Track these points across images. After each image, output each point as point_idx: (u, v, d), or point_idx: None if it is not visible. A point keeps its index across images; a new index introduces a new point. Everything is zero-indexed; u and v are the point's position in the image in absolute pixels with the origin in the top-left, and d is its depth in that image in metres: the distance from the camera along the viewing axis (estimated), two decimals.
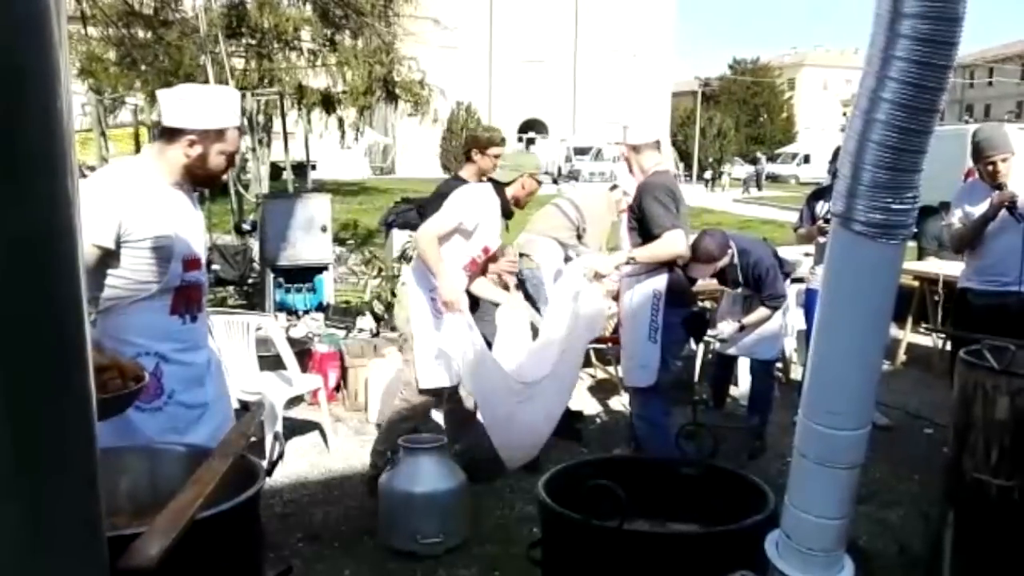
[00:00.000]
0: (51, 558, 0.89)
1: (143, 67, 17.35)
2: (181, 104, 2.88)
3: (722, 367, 6.32)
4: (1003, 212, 4.96)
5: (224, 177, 3.37)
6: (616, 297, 4.93)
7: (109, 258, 2.77)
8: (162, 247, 2.83)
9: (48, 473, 0.88)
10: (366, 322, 7.41)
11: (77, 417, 0.92)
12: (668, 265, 4.63)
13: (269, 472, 2.08)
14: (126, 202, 2.78)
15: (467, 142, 5.49)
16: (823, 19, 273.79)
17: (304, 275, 7.96)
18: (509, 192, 4.79)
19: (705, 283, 5.98)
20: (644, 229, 4.59)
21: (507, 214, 4.92)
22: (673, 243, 4.51)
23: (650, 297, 4.59)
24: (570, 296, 4.58)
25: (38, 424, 0.87)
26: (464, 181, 5.14)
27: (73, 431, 0.92)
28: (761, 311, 5.64)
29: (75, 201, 0.89)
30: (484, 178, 5.18)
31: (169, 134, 2.88)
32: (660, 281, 4.61)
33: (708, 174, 44.84)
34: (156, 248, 2.82)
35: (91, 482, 0.96)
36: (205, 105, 2.90)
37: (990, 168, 5.04)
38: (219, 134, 2.90)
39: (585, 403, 6.42)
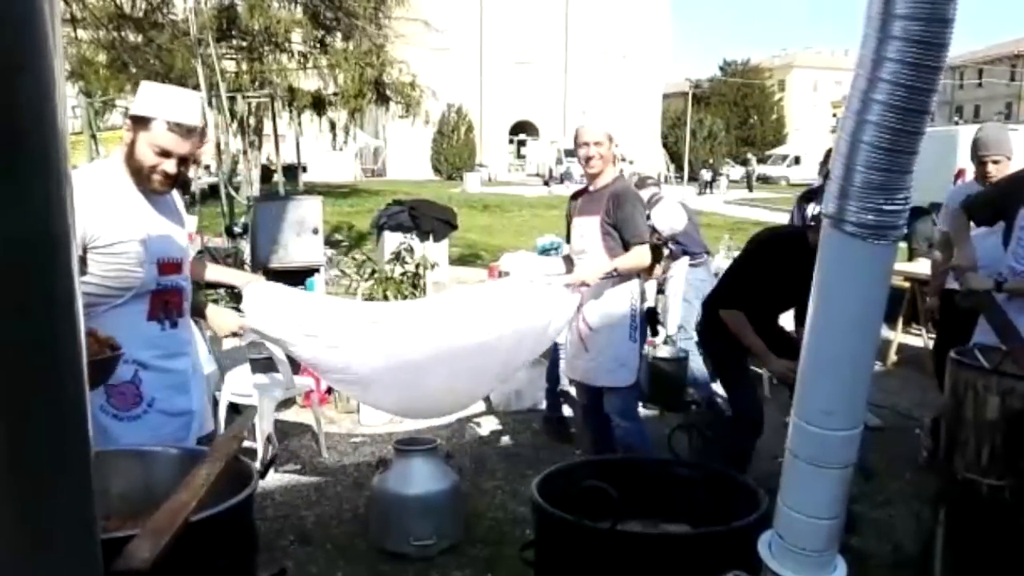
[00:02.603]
0: (46, 559, 0.89)
1: (134, 70, 17.30)
2: (139, 92, 2.84)
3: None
4: None
5: (196, 177, 3.20)
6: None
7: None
8: (131, 251, 2.74)
9: (43, 474, 0.88)
10: None
11: (71, 418, 0.92)
12: None
13: (262, 474, 2.08)
14: (90, 207, 2.68)
15: None
16: (813, 21, 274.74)
17: (296, 277, 7.94)
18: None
19: None
20: (620, 234, 4.47)
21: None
22: (646, 255, 4.49)
23: (628, 297, 4.53)
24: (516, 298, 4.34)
25: (32, 424, 0.87)
26: None
27: (67, 432, 0.92)
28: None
29: (69, 202, 0.89)
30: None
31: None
32: (634, 282, 4.57)
33: (708, 176, 44.03)
34: (125, 253, 2.73)
35: (85, 484, 0.96)
36: (150, 95, 2.80)
37: (981, 169, 5.04)
38: (143, 122, 2.76)
39: (575, 405, 6.41)
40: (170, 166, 2.82)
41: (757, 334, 4.42)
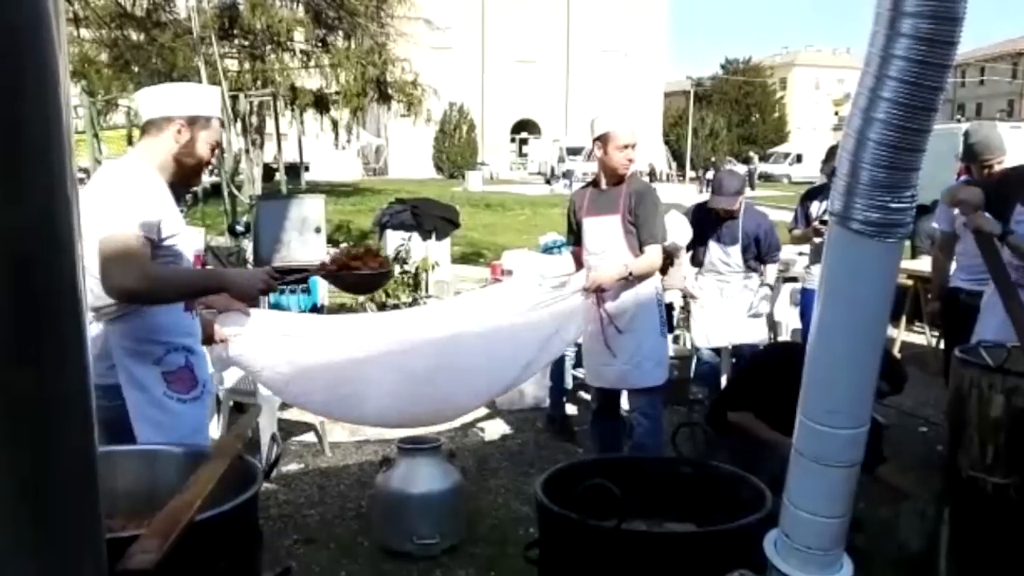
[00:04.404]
0: (52, 558, 0.88)
1: (136, 69, 17.33)
2: (165, 95, 2.94)
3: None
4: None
5: (204, 174, 3.39)
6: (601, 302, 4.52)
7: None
8: (179, 245, 2.87)
9: (48, 472, 0.88)
10: None
11: (76, 415, 0.92)
12: None
13: (267, 474, 2.08)
14: (158, 200, 2.78)
15: None
16: (815, 19, 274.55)
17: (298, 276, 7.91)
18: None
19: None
20: (637, 232, 4.43)
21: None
22: (659, 257, 4.47)
23: (653, 293, 4.49)
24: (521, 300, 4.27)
25: (36, 421, 0.86)
26: None
27: (72, 429, 0.91)
28: (772, 268, 6.13)
29: (74, 199, 0.88)
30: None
31: (156, 126, 2.85)
32: (656, 277, 4.56)
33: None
34: (175, 247, 2.85)
35: (91, 483, 0.95)
36: (190, 95, 2.96)
37: (986, 172, 5.01)
38: (206, 121, 2.91)
39: (579, 403, 6.42)
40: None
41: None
